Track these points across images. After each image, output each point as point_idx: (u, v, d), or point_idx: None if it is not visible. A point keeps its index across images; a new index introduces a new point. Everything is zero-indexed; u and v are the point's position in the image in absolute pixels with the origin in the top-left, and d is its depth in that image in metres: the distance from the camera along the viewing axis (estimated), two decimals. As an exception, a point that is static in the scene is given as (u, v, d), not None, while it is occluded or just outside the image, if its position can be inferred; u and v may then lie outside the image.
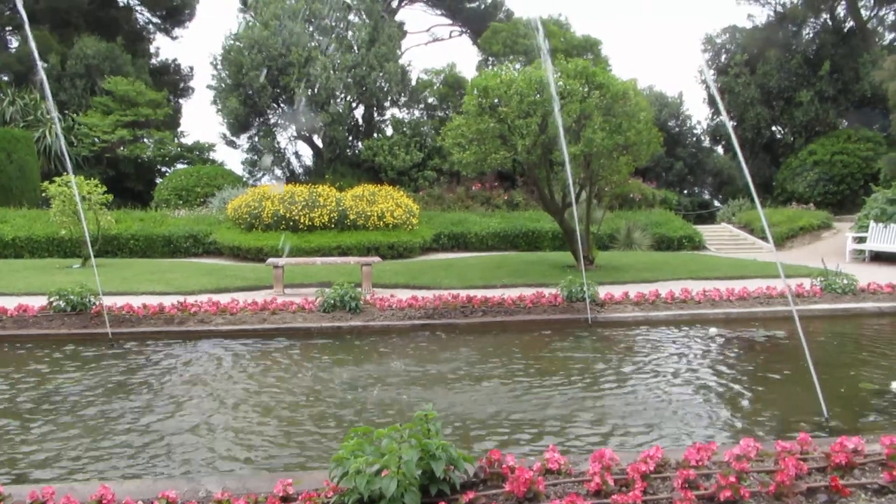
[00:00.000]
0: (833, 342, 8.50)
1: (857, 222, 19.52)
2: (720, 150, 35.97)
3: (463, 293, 10.06)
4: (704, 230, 23.79)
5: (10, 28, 34.37)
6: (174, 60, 37.89)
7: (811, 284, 10.82)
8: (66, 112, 28.88)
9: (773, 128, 31.36)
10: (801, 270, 13.27)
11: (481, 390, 6.11)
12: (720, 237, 23.87)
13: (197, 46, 54.27)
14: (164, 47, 58.57)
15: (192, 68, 38.20)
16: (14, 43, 34.89)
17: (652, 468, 3.40)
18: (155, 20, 37.48)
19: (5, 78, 32.88)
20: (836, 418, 5.12)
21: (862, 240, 18.66)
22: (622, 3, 66.79)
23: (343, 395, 5.99)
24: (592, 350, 7.81)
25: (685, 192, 35.04)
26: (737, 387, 6.25)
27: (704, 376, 6.60)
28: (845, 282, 10.70)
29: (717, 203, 34.31)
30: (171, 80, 36.50)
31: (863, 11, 29.89)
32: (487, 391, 6.07)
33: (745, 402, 5.83)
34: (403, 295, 10.24)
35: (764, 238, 22.54)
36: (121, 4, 35.95)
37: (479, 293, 10.26)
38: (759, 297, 10.22)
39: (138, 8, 36.70)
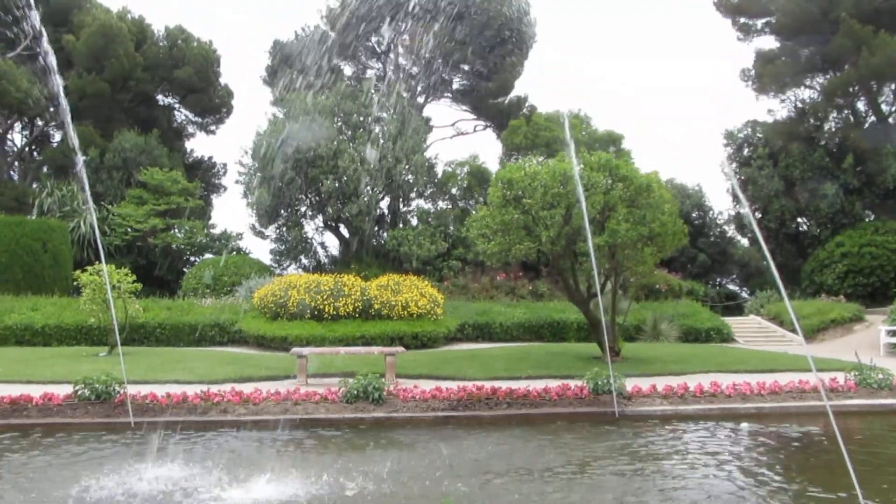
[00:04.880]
0: (872, 441, 8.18)
1: (890, 315, 19.11)
2: (745, 241, 35.85)
3: (487, 385, 9.93)
4: (733, 322, 23.42)
5: (54, 123, 36.16)
6: (209, 158, 39.34)
7: (845, 379, 10.53)
8: (102, 202, 29.83)
9: (798, 219, 31.26)
10: (834, 364, 12.92)
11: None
12: (749, 329, 23.45)
13: (231, 144, 55.99)
14: (199, 144, 60.44)
15: (225, 165, 39.55)
16: (56, 137, 36.68)
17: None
18: (194, 118, 39.11)
19: (46, 170, 34.31)
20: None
21: (896, 333, 18.24)
22: (641, 98, 68.56)
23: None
24: (621, 448, 7.58)
25: (711, 283, 34.76)
26: (770, 490, 6.00)
27: (737, 477, 6.36)
28: (881, 376, 10.39)
29: (745, 294, 33.90)
30: (205, 176, 37.75)
31: (884, 107, 30.24)
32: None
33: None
34: (427, 386, 10.13)
35: (794, 330, 22.12)
36: (161, 104, 37.67)
37: (504, 385, 10.12)
38: (792, 392, 9.95)
39: (177, 106, 38.41)
